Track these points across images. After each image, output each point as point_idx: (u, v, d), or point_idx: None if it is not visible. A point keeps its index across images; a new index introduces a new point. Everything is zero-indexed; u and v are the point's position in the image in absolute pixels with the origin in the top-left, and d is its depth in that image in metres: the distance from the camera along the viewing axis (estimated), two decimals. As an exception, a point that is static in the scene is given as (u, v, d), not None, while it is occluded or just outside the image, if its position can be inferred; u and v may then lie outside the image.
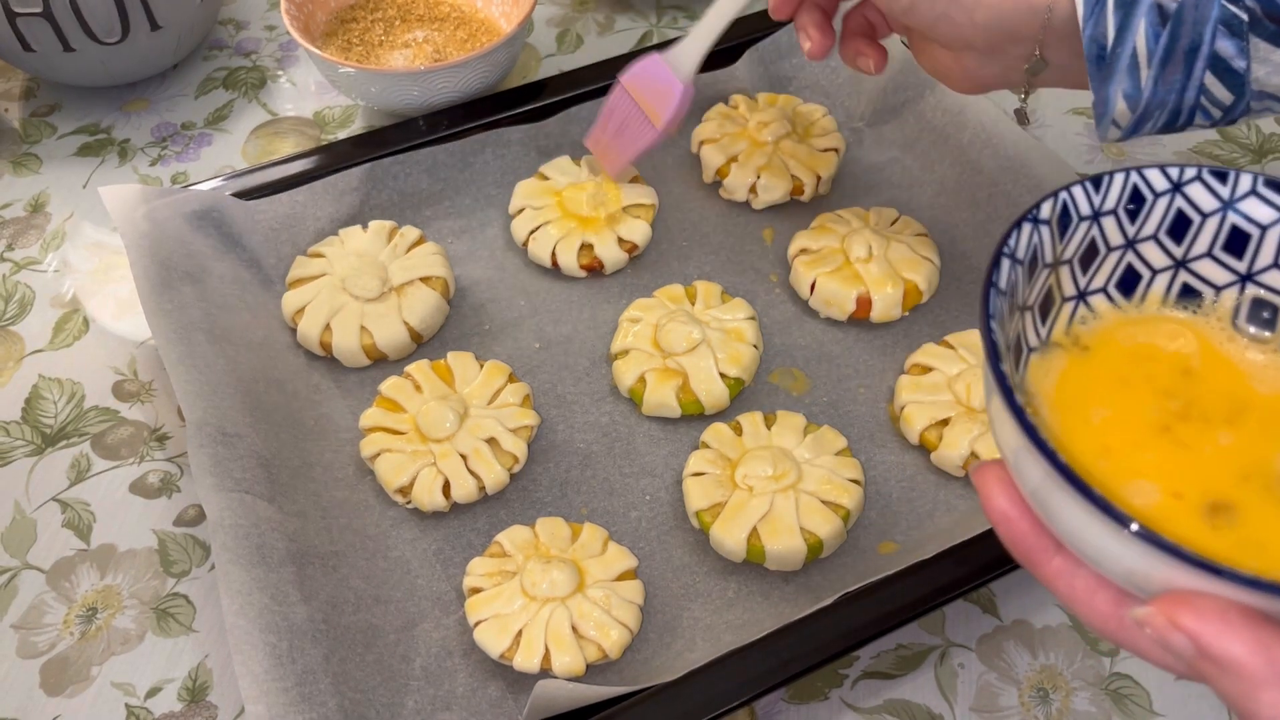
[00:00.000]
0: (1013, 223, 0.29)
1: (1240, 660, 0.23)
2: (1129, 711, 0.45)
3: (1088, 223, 0.31)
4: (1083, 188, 0.30)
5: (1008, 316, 0.28)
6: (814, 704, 0.46)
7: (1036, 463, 0.25)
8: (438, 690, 0.44)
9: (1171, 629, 0.23)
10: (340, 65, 0.62)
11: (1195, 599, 0.23)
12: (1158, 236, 0.31)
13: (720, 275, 0.59)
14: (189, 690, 0.46)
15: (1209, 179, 0.31)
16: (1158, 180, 0.31)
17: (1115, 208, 0.31)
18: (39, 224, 0.64)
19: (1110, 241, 0.31)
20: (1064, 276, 0.31)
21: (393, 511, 0.50)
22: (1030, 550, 0.27)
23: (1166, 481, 0.27)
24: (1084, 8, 0.40)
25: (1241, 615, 0.23)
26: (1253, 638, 0.23)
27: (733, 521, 0.47)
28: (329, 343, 0.54)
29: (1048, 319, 0.31)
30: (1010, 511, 0.27)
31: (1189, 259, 0.32)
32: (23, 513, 0.51)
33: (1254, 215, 0.31)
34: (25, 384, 0.56)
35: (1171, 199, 0.31)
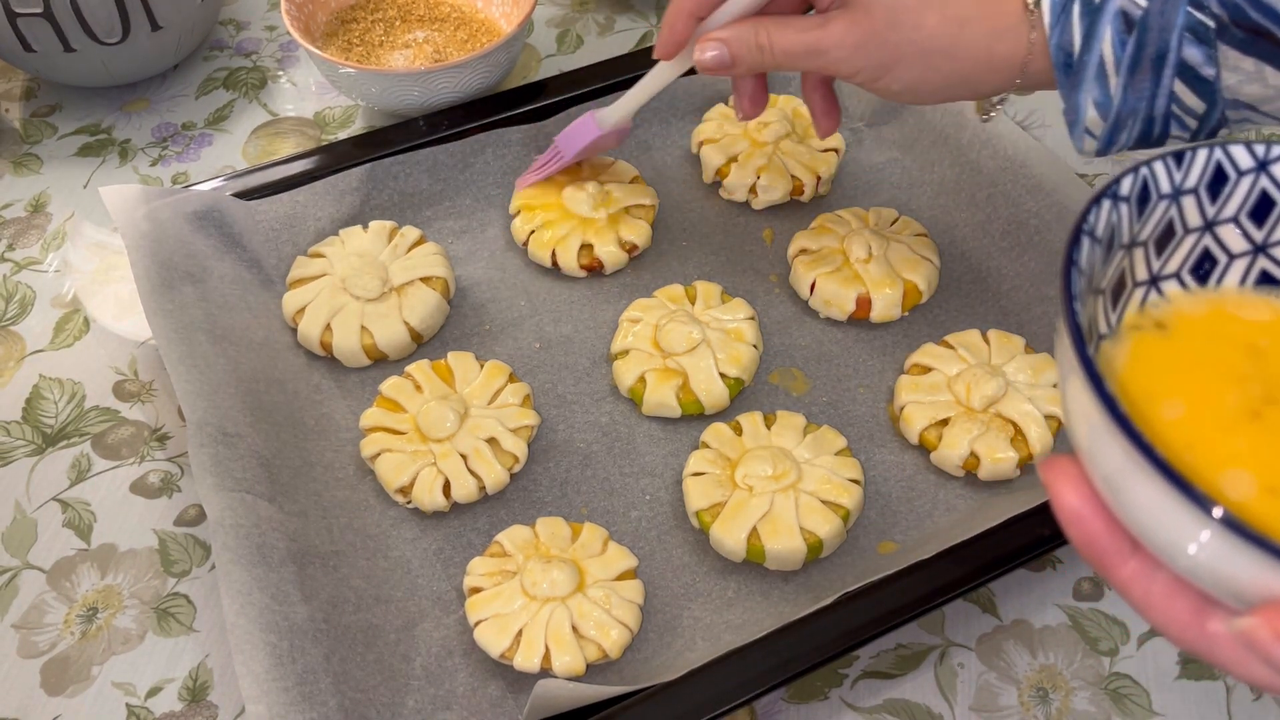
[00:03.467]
0: (1091, 198, 0.28)
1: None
2: (1128, 711, 0.45)
3: (1167, 201, 0.29)
4: (1164, 163, 0.29)
5: (1084, 299, 0.26)
6: (814, 704, 0.46)
7: (1116, 442, 0.23)
8: (438, 690, 0.44)
9: (1275, 642, 0.21)
10: (341, 66, 0.63)
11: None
12: (1238, 219, 0.30)
13: (720, 275, 0.60)
14: (189, 690, 0.46)
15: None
16: (1243, 157, 0.29)
17: (1197, 186, 0.29)
18: (40, 224, 0.64)
19: (1189, 223, 0.30)
20: (1138, 259, 0.29)
21: (393, 511, 0.50)
22: (1104, 552, 0.25)
23: (1262, 472, 0.25)
24: (1050, 15, 0.39)
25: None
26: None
27: (732, 521, 0.47)
28: (329, 343, 0.54)
29: (1118, 304, 0.29)
30: (1082, 509, 0.25)
31: (1270, 244, 0.30)
32: (23, 512, 0.51)
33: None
34: (26, 384, 0.56)
35: (1256, 178, 0.29)
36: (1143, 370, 0.28)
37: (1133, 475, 0.23)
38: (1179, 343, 0.29)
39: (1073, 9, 0.39)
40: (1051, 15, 0.39)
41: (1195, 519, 0.22)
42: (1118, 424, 0.23)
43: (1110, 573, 0.26)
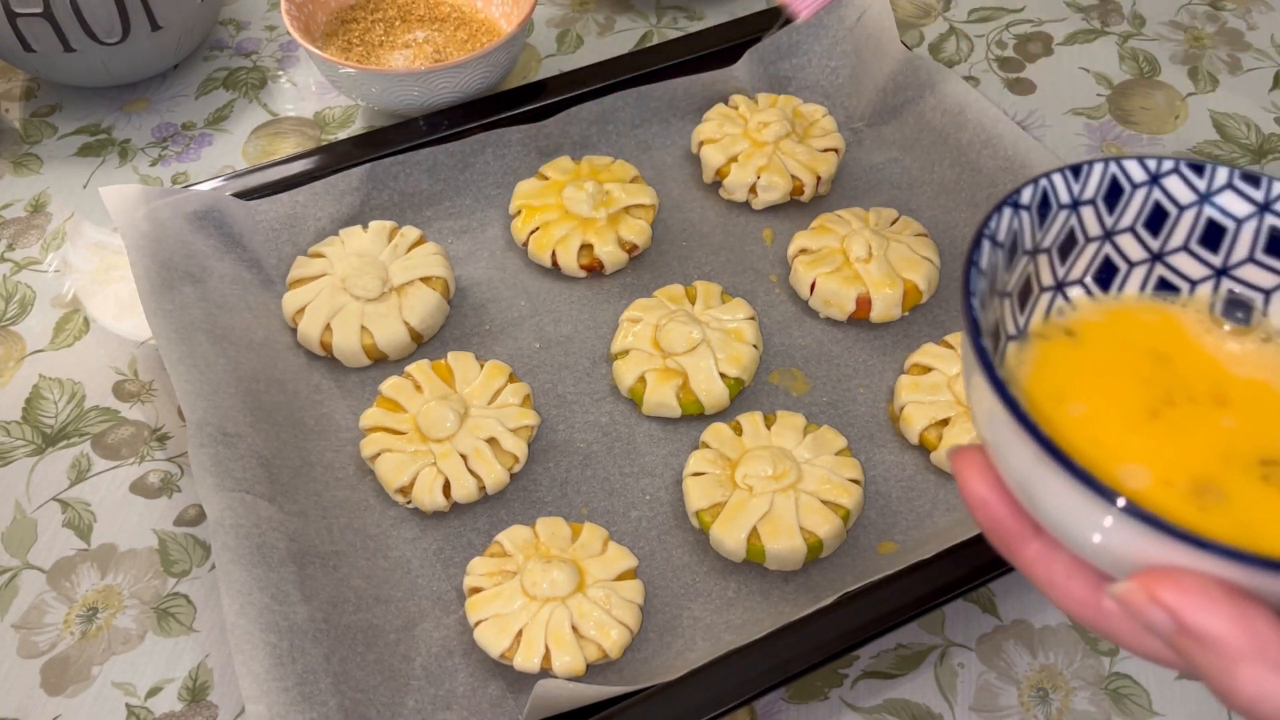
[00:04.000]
0: (994, 206, 0.29)
1: (1220, 635, 0.22)
2: (1128, 711, 0.45)
3: (1067, 211, 0.31)
4: (1062, 175, 0.30)
5: (987, 300, 0.28)
6: (814, 704, 0.46)
7: (1015, 435, 0.24)
8: (438, 690, 0.44)
9: (1150, 604, 0.23)
10: (341, 65, 0.63)
11: (1176, 574, 0.23)
12: (1135, 229, 0.31)
13: (720, 275, 0.60)
14: (189, 690, 0.46)
15: (1186, 172, 0.30)
16: (1136, 172, 0.31)
17: (1094, 197, 0.31)
18: (39, 224, 0.64)
19: (1089, 232, 0.31)
20: (1042, 265, 0.31)
21: (393, 511, 0.50)
22: (1008, 535, 0.27)
23: (1155, 466, 0.27)
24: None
25: (1222, 590, 0.22)
26: (1234, 612, 0.22)
27: (733, 521, 0.47)
28: (329, 343, 0.54)
29: (1026, 308, 0.31)
30: (988, 496, 0.27)
31: (1165, 252, 0.31)
32: (23, 512, 0.51)
33: (1230, 209, 0.30)
34: (26, 384, 0.56)
35: (1149, 191, 0.31)
36: (1050, 374, 0.29)
37: (1031, 465, 0.24)
38: (1085, 348, 0.30)
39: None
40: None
41: (1090, 503, 0.23)
42: (1016, 418, 0.24)
43: (1014, 555, 0.27)
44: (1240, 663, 0.22)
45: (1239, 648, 0.22)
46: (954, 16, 0.77)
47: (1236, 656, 0.22)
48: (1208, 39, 0.75)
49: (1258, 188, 0.30)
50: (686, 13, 0.78)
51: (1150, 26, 0.76)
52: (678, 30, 0.76)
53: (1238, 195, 0.30)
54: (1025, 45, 0.75)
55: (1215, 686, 0.23)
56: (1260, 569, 0.22)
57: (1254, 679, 0.22)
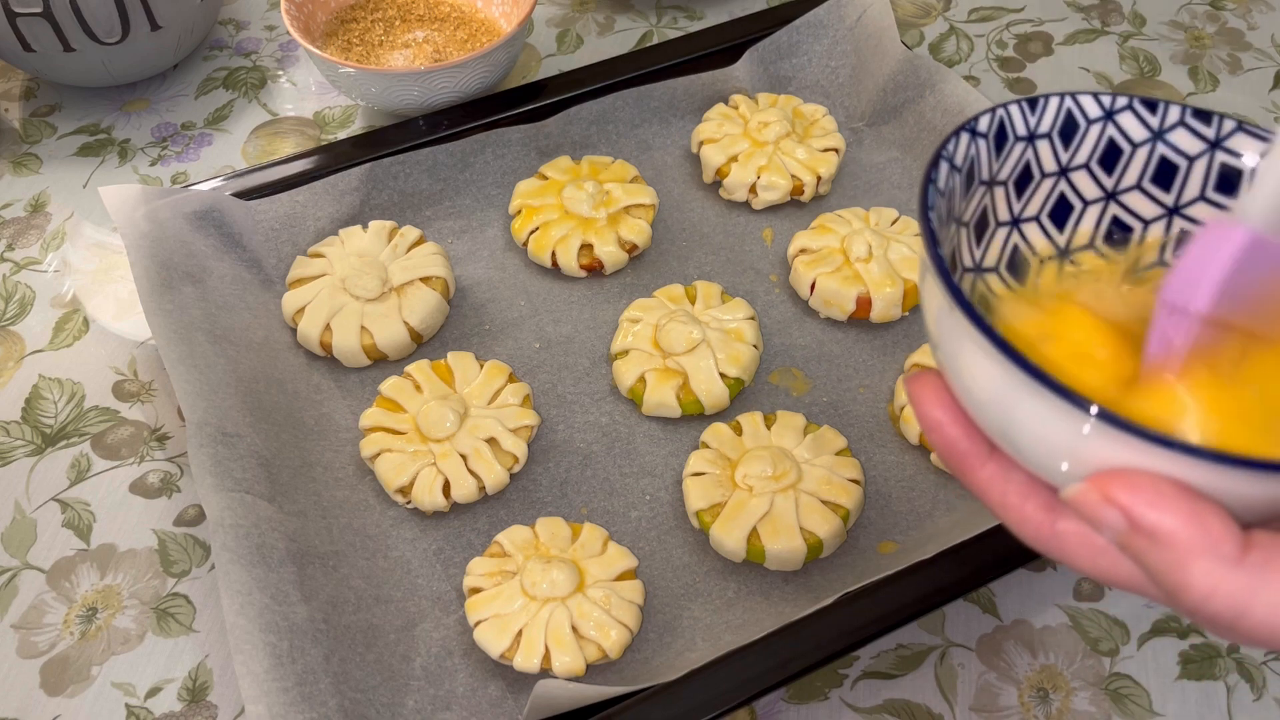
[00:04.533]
0: (951, 131, 0.29)
1: (1173, 531, 0.22)
2: (1129, 711, 0.45)
3: (1023, 144, 0.31)
4: (1019, 106, 0.30)
5: (945, 224, 0.28)
6: (814, 704, 0.46)
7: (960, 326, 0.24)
8: (438, 690, 0.44)
9: (1103, 504, 0.23)
10: (340, 65, 0.62)
11: (1128, 472, 0.23)
12: (1090, 166, 0.31)
13: (720, 275, 0.59)
14: (189, 690, 0.46)
15: (1140, 108, 0.30)
16: (1091, 107, 0.31)
17: (1050, 131, 0.31)
18: (39, 224, 0.64)
19: (1044, 167, 0.31)
20: (999, 199, 0.31)
21: (393, 511, 0.50)
22: (963, 456, 0.27)
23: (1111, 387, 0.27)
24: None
25: (1174, 487, 0.22)
26: (1186, 508, 0.22)
27: (733, 521, 0.47)
28: (329, 343, 0.54)
29: (983, 241, 0.31)
30: (942, 417, 0.27)
31: (1119, 191, 0.31)
32: (23, 513, 0.51)
33: (1182, 146, 0.30)
34: (25, 384, 0.56)
35: (1104, 127, 0.31)
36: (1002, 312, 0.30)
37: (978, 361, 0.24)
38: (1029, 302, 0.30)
39: None
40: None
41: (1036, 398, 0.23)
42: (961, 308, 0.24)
43: (969, 476, 0.27)
44: (1192, 558, 0.22)
45: (1191, 543, 0.22)
46: (954, 16, 0.77)
47: (1189, 552, 0.22)
48: (1208, 39, 0.75)
49: (1209, 125, 0.30)
50: (686, 13, 0.78)
51: (1150, 26, 0.76)
52: (678, 30, 0.76)
53: (1190, 133, 0.30)
54: (1025, 45, 0.75)
55: (1167, 584, 0.23)
56: (1216, 464, 0.22)
57: (1205, 574, 0.22)
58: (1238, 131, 0.30)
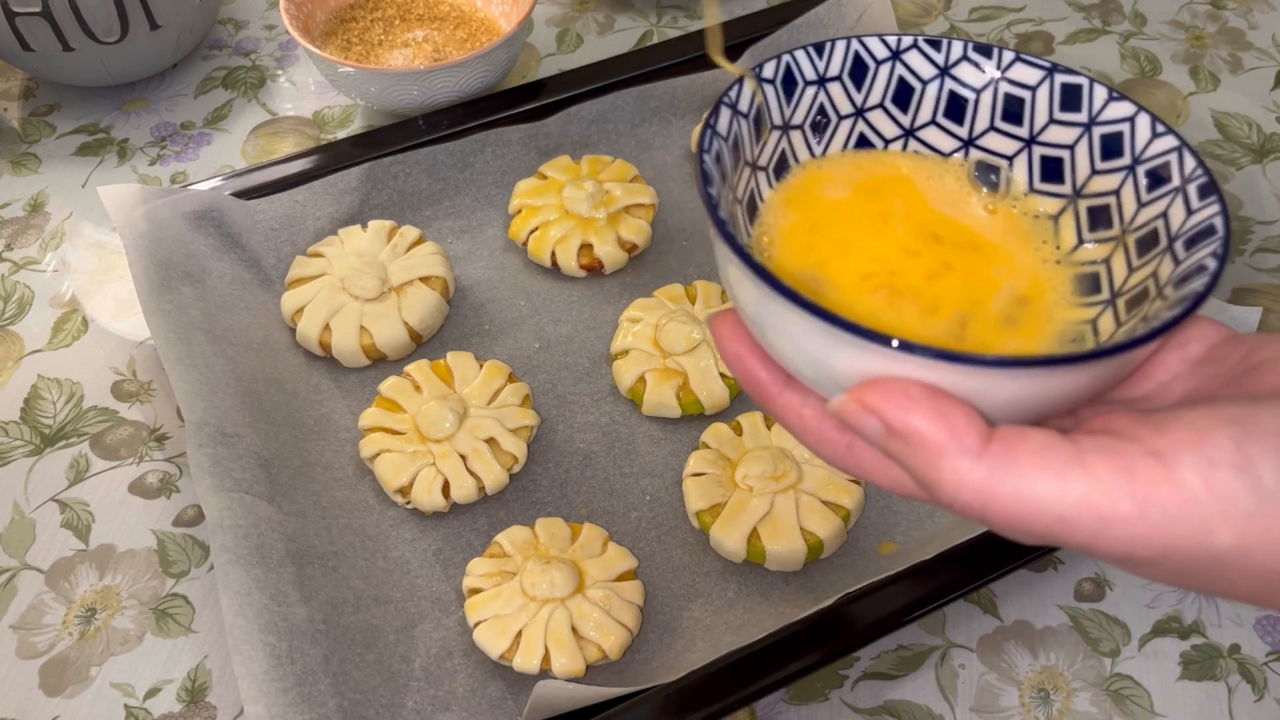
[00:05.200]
0: (735, 79, 0.30)
1: (921, 430, 0.23)
2: (1130, 712, 0.45)
3: (814, 88, 0.31)
4: (805, 52, 0.31)
5: (732, 167, 0.29)
6: (814, 705, 0.45)
7: (738, 270, 0.25)
8: (437, 691, 0.44)
9: (862, 412, 0.24)
10: (340, 65, 0.62)
11: (882, 381, 0.24)
12: (885, 105, 0.32)
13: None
14: (188, 691, 0.46)
15: (924, 47, 0.32)
16: (878, 48, 0.32)
17: (840, 74, 0.32)
18: (38, 224, 0.64)
19: (840, 110, 0.32)
20: (797, 142, 0.32)
21: (392, 512, 0.50)
22: (760, 385, 0.28)
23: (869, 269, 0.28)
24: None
25: (922, 390, 0.23)
26: (931, 408, 0.23)
27: (733, 522, 0.47)
28: (328, 343, 0.54)
29: (783, 179, 0.32)
30: (740, 350, 0.28)
31: (916, 128, 0.33)
32: (22, 513, 0.51)
33: (968, 80, 0.32)
34: (24, 384, 0.56)
35: (893, 67, 0.32)
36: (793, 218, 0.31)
37: (748, 291, 0.26)
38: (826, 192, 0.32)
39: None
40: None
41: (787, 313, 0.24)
42: (726, 242, 0.25)
43: (769, 404, 0.28)
44: (940, 455, 0.23)
45: (938, 441, 0.23)
46: (954, 15, 0.77)
47: (937, 450, 0.23)
48: (1209, 38, 0.75)
49: (990, 57, 0.31)
50: (686, 12, 0.78)
51: (1151, 26, 0.76)
52: (678, 30, 0.76)
53: (973, 66, 0.32)
54: (1026, 44, 0.75)
55: (924, 482, 0.24)
56: (953, 364, 0.23)
57: (953, 469, 0.23)
58: (1017, 62, 0.31)
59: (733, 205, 0.29)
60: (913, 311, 0.28)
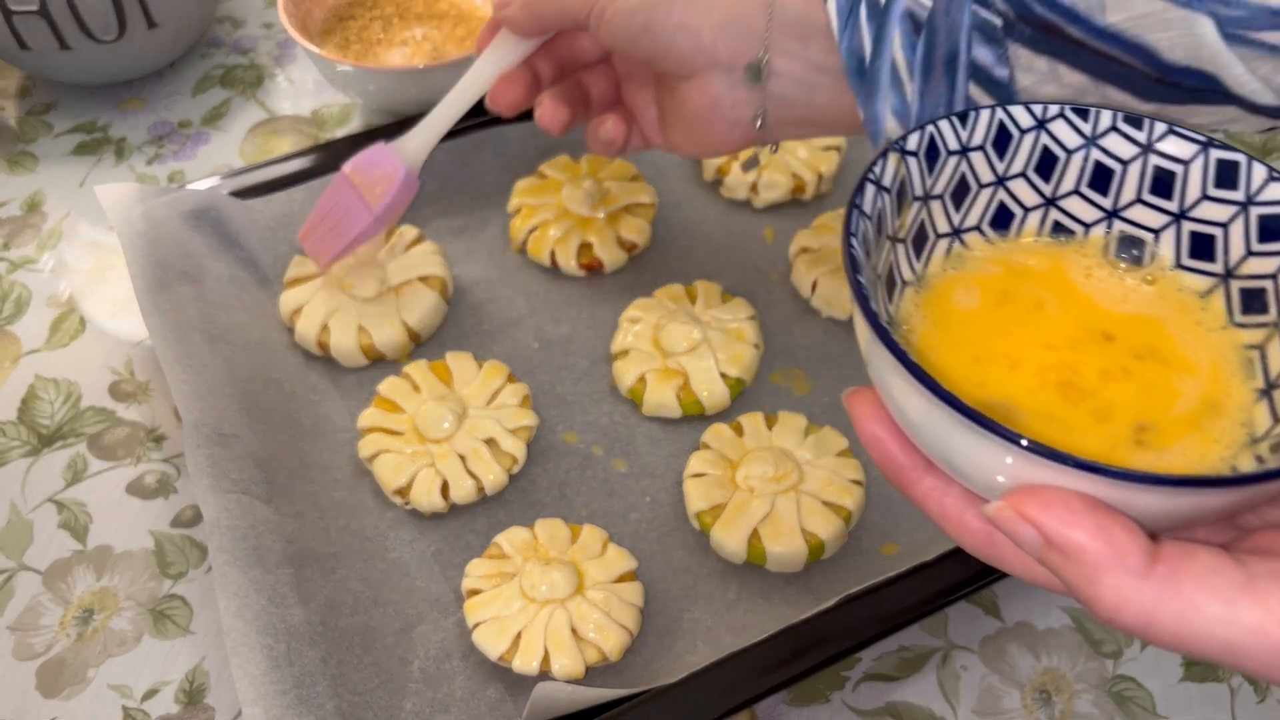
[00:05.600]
0: (879, 151, 0.30)
1: (1082, 545, 0.23)
2: (1132, 714, 0.45)
3: (956, 158, 0.31)
4: (949, 122, 0.31)
5: (876, 244, 0.29)
6: (815, 706, 0.45)
7: (890, 367, 0.25)
8: (436, 692, 0.44)
9: (1019, 521, 0.24)
10: (338, 63, 0.62)
11: (1041, 490, 0.23)
12: (1026, 174, 0.32)
13: (721, 275, 0.59)
14: (186, 692, 0.46)
15: (1071, 116, 0.31)
16: (1023, 117, 0.31)
17: (983, 143, 0.31)
18: (35, 223, 0.64)
19: (981, 178, 0.32)
20: (937, 212, 0.31)
21: (391, 513, 0.50)
22: (901, 470, 0.28)
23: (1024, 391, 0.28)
24: (838, 20, 0.37)
25: (1083, 502, 0.23)
26: (1093, 523, 0.23)
27: (733, 523, 0.47)
28: (327, 342, 0.54)
29: (922, 254, 0.31)
30: (880, 434, 0.28)
31: (1058, 196, 0.32)
32: (19, 514, 0.51)
33: (1116, 151, 0.31)
34: (21, 384, 0.56)
35: (1037, 136, 0.31)
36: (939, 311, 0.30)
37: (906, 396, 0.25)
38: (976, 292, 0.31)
39: (859, 11, 0.37)
40: (839, 19, 0.37)
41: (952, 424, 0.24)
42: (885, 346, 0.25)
43: (909, 490, 0.28)
44: (1101, 572, 0.23)
45: (1099, 557, 0.23)
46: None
47: (1098, 566, 0.23)
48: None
49: (1140, 129, 0.31)
50: (686, 10, 0.78)
51: None
52: (677, 28, 0.76)
53: (1122, 137, 0.31)
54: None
55: (1082, 597, 0.24)
56: (1117, 480, 0.22)
57: (1114, 587, 0.23)
58: (1169, 134, 0.30)
59: (873, 280, 0.28)
60: (1082, 417, 0.28)
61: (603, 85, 0.50)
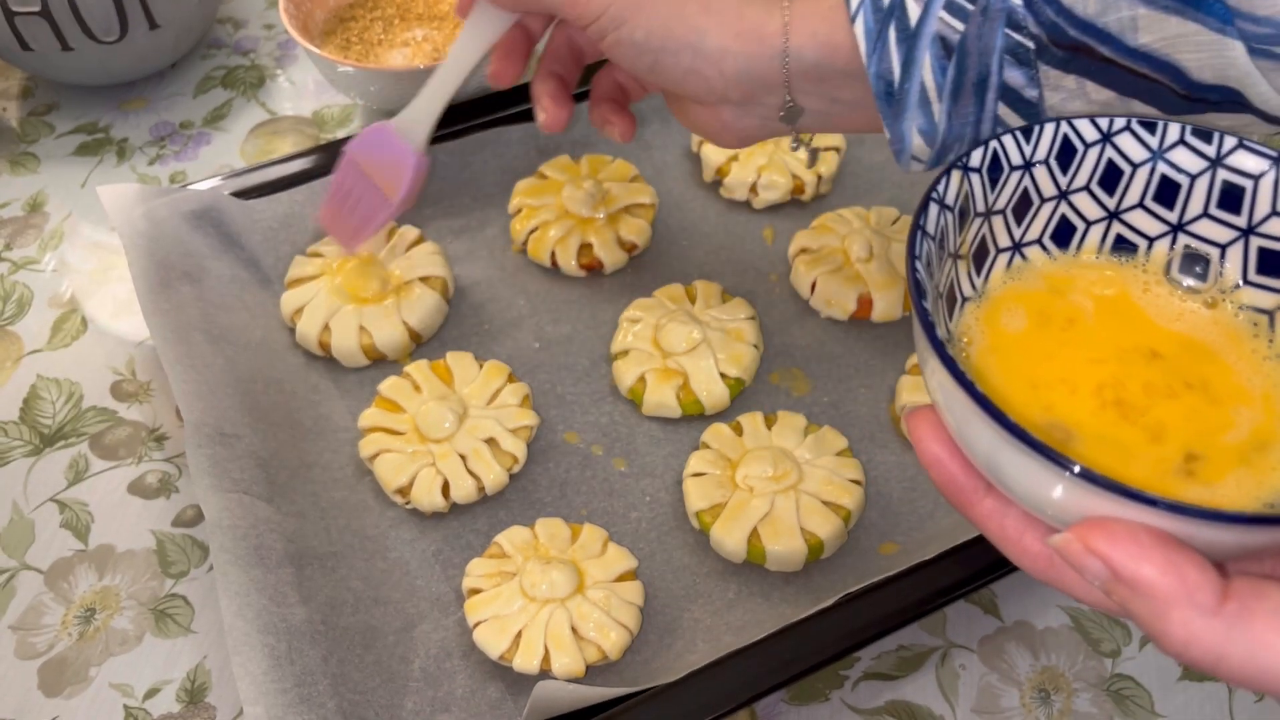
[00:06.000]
0: (943, 168, 0.29)
1: (1151, 581, 0.23)
2: (1130, 712, 0.45)
3: (1019, 172, 0.31)
4: (1013, 136, 0.30)
5: (938, 263, 0.29)
6: (815, 705, 0.45)
7: (958, 400, 0.25)
8: (437, 691, 0.44)
9: (1086, 554, 0.24)
10: (339, 64, 0.62)
11: (1108, 523, 0.23)
12: (1090, 187, 0.31)
13: (720, 275, 0.59)
14: (187, 691, 0.46)
15: (1138, 129, 0.31)
16: (1088, 131, 0.31)
17: (1047, 158, 0.31)
18: (37, 223, 0.64)
19: (1043, 192, 0.31)
20: (998, 227, 0.31)
21: (392, 512, 0.50)
22: (961, 491, 0.28)
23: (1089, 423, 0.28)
24: (865, 44, 0.38)
25: (1153, 537, 0.23)
26: (1163, 558, 0.23)
27: (733, 522, 0.47)
28: (328, 343, 0.54)
29: (983, 269, 0.31)
30: (940, 454, 0.28)
31: (1121, 210, 0.32)
32: (21, 513, 0.51)
33: (1183, 165, 0.31)
34: (23, 384, 0.56)
35: (1102, 149, 0.31)
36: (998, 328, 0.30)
37: (971, 424, 0.25)
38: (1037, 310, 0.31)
39: (889, 35, 0.37)
40: (867, 43, 0.37)
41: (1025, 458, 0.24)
42: (954, 378, 0.25)
43: (969, 511, 0.28)
44: (1171, 607, 0.23)
45: (1169, 593, 0.23)
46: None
47: (1167, 601, 0.23)
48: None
49: (1209, 143, 0.30)
50: (686, 11, 0.78)
51: None
52: (678, 29, 0.76)
53: (1190, 151, 0.30)
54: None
55: (1150, 631, 0.24)
56: (1190, 518, 0.22)
57: (1184, 623, 0.23)
58: (1239, 149, 0.30)
59: (935, 298, 0.28)
60: (1136, 436, 0.27)
61: (606, 79, 0.50)
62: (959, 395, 0.25)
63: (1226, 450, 0.27)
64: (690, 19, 0.40)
